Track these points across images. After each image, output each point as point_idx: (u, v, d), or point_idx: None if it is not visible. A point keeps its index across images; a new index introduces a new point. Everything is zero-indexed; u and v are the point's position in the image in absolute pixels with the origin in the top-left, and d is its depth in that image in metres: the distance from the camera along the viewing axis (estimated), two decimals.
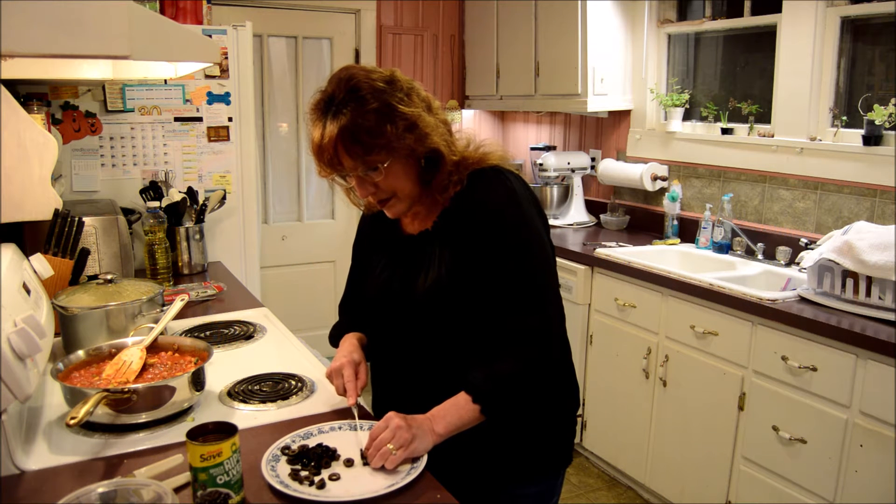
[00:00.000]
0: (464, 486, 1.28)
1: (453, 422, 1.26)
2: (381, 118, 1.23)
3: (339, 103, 1.24)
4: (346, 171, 1.28)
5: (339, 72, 1.29)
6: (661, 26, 3.46)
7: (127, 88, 2.75)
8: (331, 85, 1.27)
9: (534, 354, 1.29)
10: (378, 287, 1.43)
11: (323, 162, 1.27)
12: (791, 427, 2.21)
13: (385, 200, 1.33)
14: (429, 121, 1.29)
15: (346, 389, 1.36)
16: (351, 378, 1.37)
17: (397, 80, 1.29)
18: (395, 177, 1.29)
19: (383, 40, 4.16)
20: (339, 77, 1.27)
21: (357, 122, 1.22)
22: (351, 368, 1.38)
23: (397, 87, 1.28)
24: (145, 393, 1.33)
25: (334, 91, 1.25)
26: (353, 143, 1.23)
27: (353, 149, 1.24)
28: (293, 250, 4.19)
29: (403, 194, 1.32)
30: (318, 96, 1.28)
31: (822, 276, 2.27)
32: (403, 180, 1.30)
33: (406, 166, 1.30)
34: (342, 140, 1.23)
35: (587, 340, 3.09)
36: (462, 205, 1.33)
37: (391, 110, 1.24)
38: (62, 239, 1.93)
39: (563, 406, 1.46)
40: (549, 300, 1.32)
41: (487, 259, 1.29)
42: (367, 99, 1.23)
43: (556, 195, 3.88)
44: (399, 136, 1.25)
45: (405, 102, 1.27)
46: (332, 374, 1.40)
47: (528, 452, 1.41)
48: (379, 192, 1.31)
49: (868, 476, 2.01)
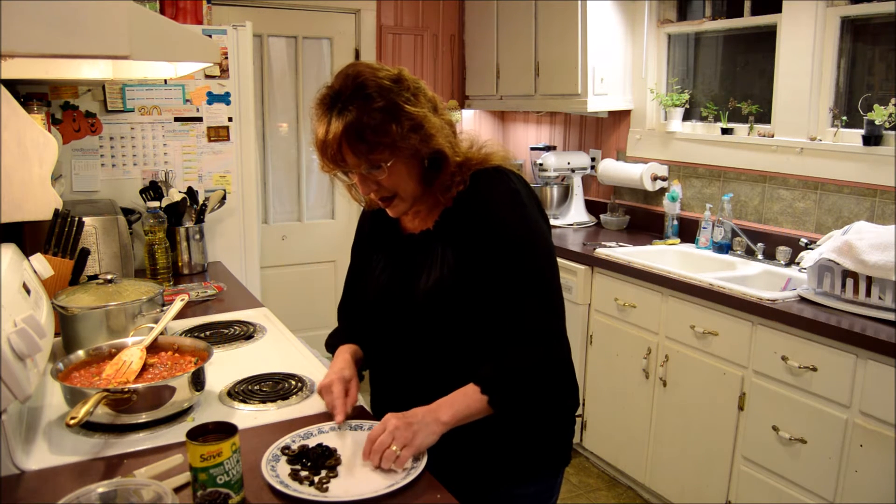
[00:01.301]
0: (463, 485, 1.27)
1: (461, 409, 1.26)
2: (386, 117, 1.23)
3: (345, 100, 1.23)
4: (349, 168, 1.28)
5: (346, 68, 1.28)
6: (661, 26, 3.46)
7: (127, 88, 2.75)
8: (337, 81, 1.26)
9: (541, 351, 1.30)
10: (378, 288, 1.43)
11: (326, 158, 1.27)
12: (791, 427, 2.21)
13: (387, 199, 1.33)
14: (434, 121, 1.28)
15: (336, 407, 1.35)
16: (340, 395, 1.36)
17: (404, 79, 1.28)
18: (398, 176, 1.29)
19: (383, 40, 4.16)
20: (347, 73, 1.26)
21: (362, 119, 1.22)
22: (340, 385, 1.37)
23: (404, 86, 1.27)
24: (145, 393, 1.33)
25: (341, 87, 1.25)
26: (357, 141, 1.23)
27: (358, 146, 1.23)
28: (293, 250, 4.18)
29: (406, 193, 1.32)
30: (324, 91, 1.27)
31: (822, 276, 2.27)
32: (406, 180, 1.30)
33: (409, 166, 1.29)
34: (346, 137, 1.22)
35: (587, 340, 3.09)
36: (465, 204, 1.33)
37: (397, 109, 1.24)
38: (62, 239, 1.93)
39: (563, 405, 1.45)
40: (554, 299, 1.33)
41: (492, 258, 1.29)
42: (373, 97, 1.23)
43: (556, 195, 3.88)
44: (404, 136, 1.25)
45: (411, 102, 1.26)
46: (322, 390, 1.40)
47: (528, 451, 1.41)
48: (381, 190, 1.31)
49: (868, 476, 2.01)
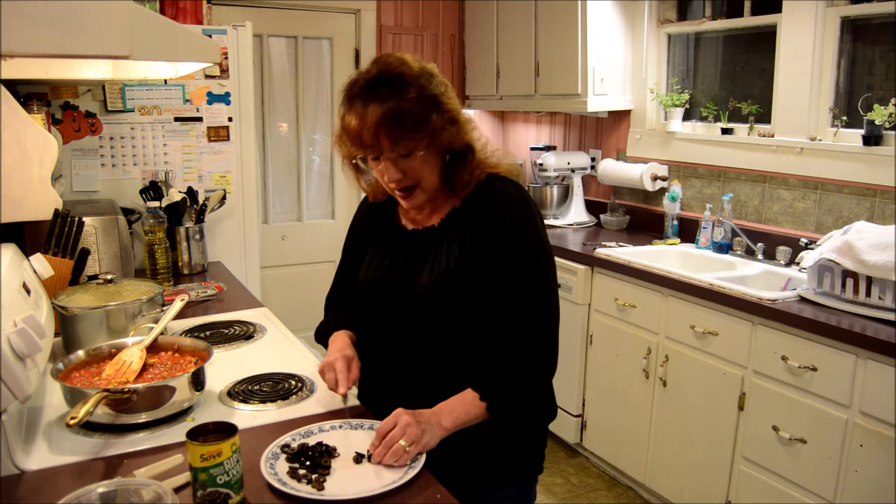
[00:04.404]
0: (448, 486, 1.28)
1: (460, 417, 1.27)
2: (426, 106, 1.26)
3: (385, 86, 1.24)
4: (381, 154, 1.29)
5: (383, 56, 1.30)
6: (661, 26, 3.46)
7: (127, 88, 2.75)
8: (374, 68, 1.28)
9: (541, 359, 1.33)
10: (373, 281, 1.43)
11: (358, 142, 1.27)
12: (791, 427, 2.21)
13: (408, 189, 1.33)
14: (464, 117, 1.33)
15: (338, 381, 1.36)
16: (343, 370, 1.37)
17: (436, 74, 1.32)
18: (426, 166, 1.31)
19: (383, 40, 4.16)
20: (386, 62, 1.28)
21: (404, 106, 1.24)
22: (343, 362, 1.38)
23: (438, 80, 1.31)
24: (145, 393, 1.33)
25: (379, 74, 1.26)
26: (396, 126, 1.24)
27: (396, 132, 1.25)
28: (293, 250, 4.19)
29: (427, 185, 1.34)
30: (360, 76, 1.28)
31: (822, 276, 2.27)
32: (431, 170, 1.32)
33: (436, 158, 1.32)
34: (386, 122, 1.24)
35: (587, 340, 3.09)
36: (476, 204, 1.35)
37: (436, 100, 1.28)
38: (62, 239, 1.93)
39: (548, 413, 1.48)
40: (554, 308, 1.36)
41: (500, 260, 1.31)
42: (412, 85, 1.26)
43: (556, 195, 3.88)
44: (443, 127, 1.28)
45: (447, 95, 1.31)
46: (324, 368, 1.40)
47: (511, 455, 1.43)
48: (405, 179, 1.31)
49: (868, 476, 2.01)
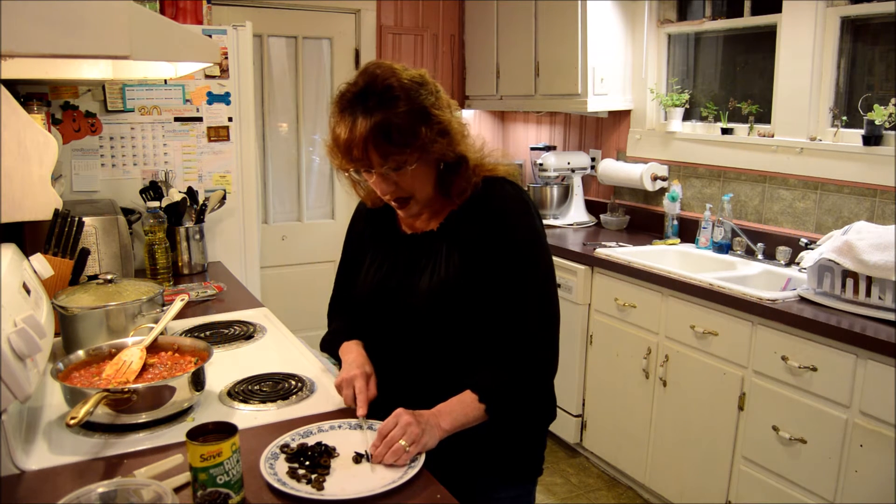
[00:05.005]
0: (447, 486, 1.28)
1: (459, 418, 1.27)
2: (415, 119, 1.23)
3: (372, 99, 1.21)
4: (371, 168, 1.26)
5: (369, 66, 1.27)
6: (661, 26, 3.46)
7: (127, 88, 2.75)
8: (361, 79, 1.24)
9: (540, 361, 1.33)
10: (372, 285, 1.42)
11: (348, 156, 1.25)
12: (791, 427, 2.21)
13: (402, 200, 1.32)
14: (457, 126, 1.29)
15: (357, 400, 1.34)
16: (363, 389, 1.34)
17: (427, 81, 1.28)
18: (419, 179, 1.29)
19: (383, 40, 4.16)
20: (374, 73, 1.24)
21: (392, 120, 1.21)
22: (363, 380, 1.36)
23: (429, 89, 1.27)
24: (145, 393, 1.33)
25: (366, 86, 1.23)
26: (385, 142, 1.22)
27: (385, 147, 1.22)
28: (293, 250, 4.19)
29: (421, 196, 1.32)
30: (348, 88, 1.25)
31: (822, 276, 2.27)
32: (424, 182, 1.30)
33: (429, 169, 1.30)
34: (374, 137, 1.21)
35: (587, 340, 3.09)
36: (475, 208, 1.34)
37: (426, 112, 1.24)
38: (62, 239, 1.93)
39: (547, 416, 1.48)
40: (554, 312, 1.35)
41: (501, 263, 1.30)
42: (400, 98, 1.22)
43: (556, 195, 3.88)
44: (432, 140, 1.25)
45: (437, 106, 1.26)
46: (342, 383, 1.37)
47: (510, 457, 1.42)
48: (398, 191, 1.30)
49: (868, 476, 2.01)
